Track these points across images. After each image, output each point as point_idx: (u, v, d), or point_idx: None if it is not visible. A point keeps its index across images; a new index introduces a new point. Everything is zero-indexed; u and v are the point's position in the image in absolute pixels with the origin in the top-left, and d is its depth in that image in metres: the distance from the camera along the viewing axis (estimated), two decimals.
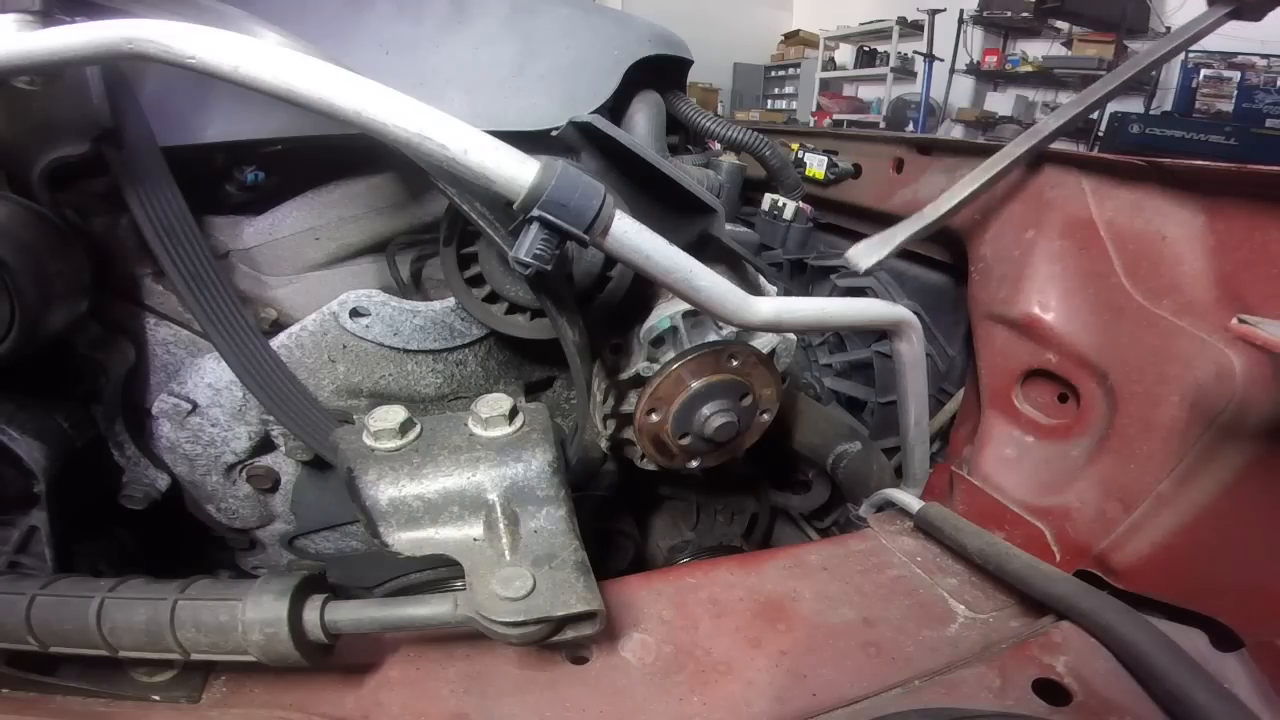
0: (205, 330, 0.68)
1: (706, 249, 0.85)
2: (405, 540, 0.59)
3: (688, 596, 0.74)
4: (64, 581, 0.55)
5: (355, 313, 0.78)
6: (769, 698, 0.62)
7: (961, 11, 6.57)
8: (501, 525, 0.59)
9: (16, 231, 0.62)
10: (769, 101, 8.61)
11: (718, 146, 1.16)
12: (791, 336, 0.89)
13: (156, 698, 0.57)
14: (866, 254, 0.89)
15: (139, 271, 0.79)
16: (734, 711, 0.61)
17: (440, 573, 0.87)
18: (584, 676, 0.63)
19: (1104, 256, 0.81)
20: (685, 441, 0.81)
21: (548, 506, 0.61)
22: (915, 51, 7.06)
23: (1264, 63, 5.19)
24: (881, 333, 1.09)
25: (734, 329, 0.80)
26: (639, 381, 0.80)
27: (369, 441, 0.61)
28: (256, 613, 0.52)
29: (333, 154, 0.82)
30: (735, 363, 0.79)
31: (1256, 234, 0.69)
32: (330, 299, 0.78)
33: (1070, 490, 0.81)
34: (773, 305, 0.70)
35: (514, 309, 0.78)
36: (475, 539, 0.59)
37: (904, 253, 1.27)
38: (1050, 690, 0.61)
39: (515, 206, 0.55)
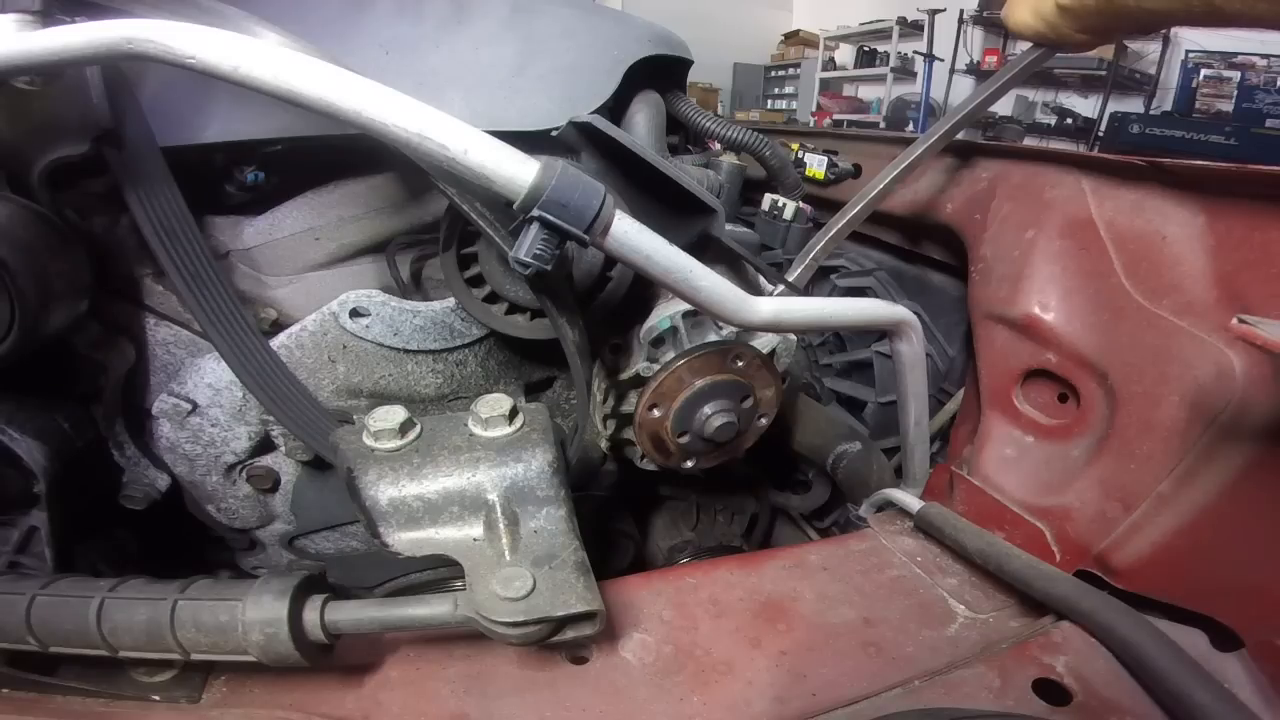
0: (205, 330, 0.68)
1: (706, 249, 0.85)
2: (405, 540, 0.59)
3: (688, 596, 0.74)
4: (64, 581, 0.55)
5: (355, 313, 0.78)
6: (769, 698, 0.62)
7: (961, 11, 6.57)
8: (501, 525, 0.59)
9: (16, 231, 0.62)
10: (769, 101, 8.61)
11: (718, 146, 1.16)
12: (792, 337, 0.89)
13: (156, 698, 0.57)
14: (802, 274, 0.94)
15: (139, 271, 0.79)
16: (734, 711, 0.61)
17: (440, 573, 0.87)
18: (584, 676, 0.63)
19: (1104, 256, 0.81)
20: (684, 440, 0.81)
21: (548, 506, 0.61)
22: (915, 51, 7.06)
23: (1264, 63, 5.19)
24: (881, 333, 1.09)
25: (734, 329, 0.80)
26: (639, 381, 0.80)
27: (369, 441, 0.61)
28: (256, 613, 0.52)
29: (333, 154, 0.82)
30: (740, 364, 0.79)
31: (1257, 234, 0.69)
32: (330, 299, 0.78)
33: (1070, 490, 0.81)
34: (773, 305, 0.70)
35: (514, 309, 0.78)
36: (475, 539, 0.59)
37: (904, 253, 1.29)
38: (1050, 690, 0.61)
39: (515, 206, 0.55)
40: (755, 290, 0.88)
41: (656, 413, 0.79)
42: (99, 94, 0.64)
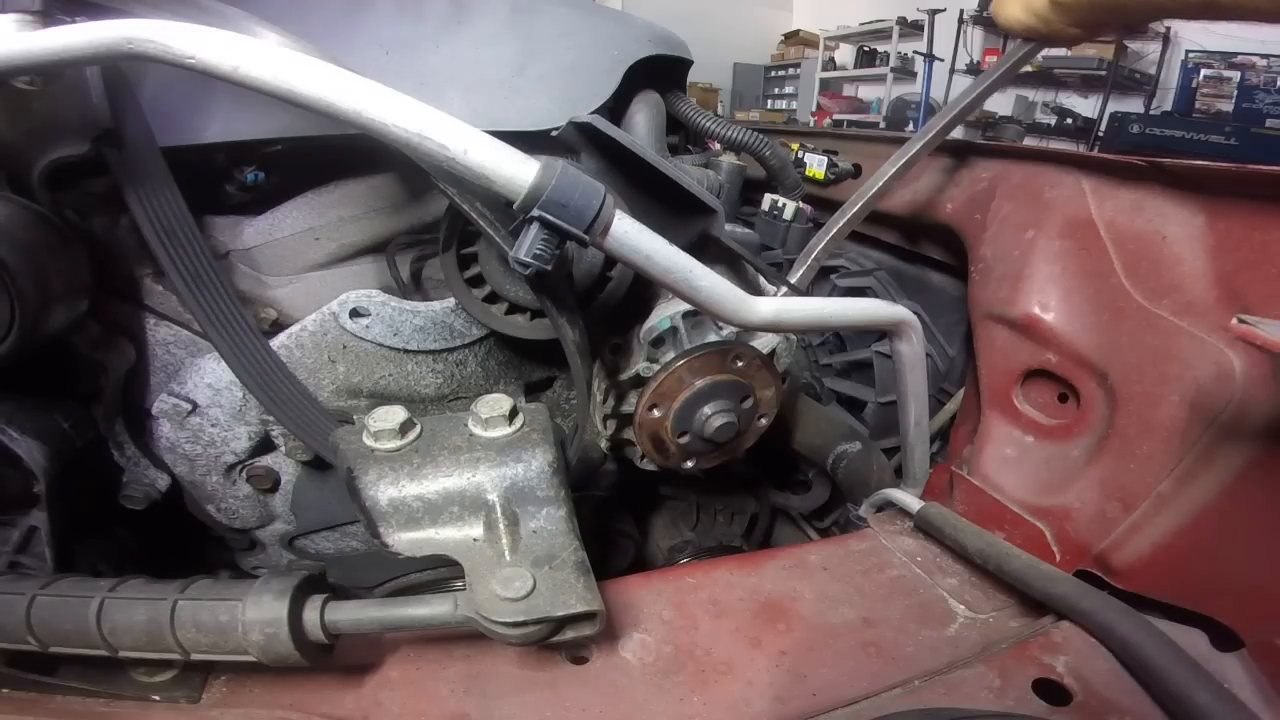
0: (205, 330, 0.68)
1: (706, 249, 0.85)
2: (405, 540, 0.59)
3: (688, 596, 0.74)
4: (64, 581, 0.55)
5: (355, 313, 0.78)
6: (769, 698, 0.62)
7: (961, 11, 6.56)
8: (501, 525, 0.59)
9: (16, 231, 0.62)
10: (769, 101, 8.60)
11: (718, 146, 1.16)
12: (792, 337, 0.89)
13: (156, 698, 0.57)
14: (804, 275, 0.95)
15: (139, 271, 0.79)
16: (734, 711, 0.61)
17: (440, 573, 0.87)
18: (584, 676, 0.63)
19: (1104, 256, 0.81)
20: (684, 440, 0.81)
21: (548, 507, 0.61)
22: (915, 51, 7.05)
23: (1264, 63, 5.18)
24: (881, 333, 1.09)
25: (734, 329, 0.80)
26: (639, 382, 0.80)
27: (369, 442, 0.61)
28: (256, 613, 0.52)
29: (333, 154, 0.82)
30: (740, 364, 0.79)
31: (1256, 234, 0.69)
32: (330, 299, 0.78)
33: (1070, 490, 0.81)
34: (773, 305, 0.70)
35: (514, 309, 0.78)
36: (475, 539, 0.59)
37: (904, 253, 1.29)
38: (1050, 690, 0.61)
39: (515, 207, 0.55)
40: (755, 290, 0.88)
41: (656, 413, 0.79)
42: (99, 94, 0.64)
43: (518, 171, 0.54)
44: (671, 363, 0.76)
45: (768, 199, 1.34)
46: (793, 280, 0.90)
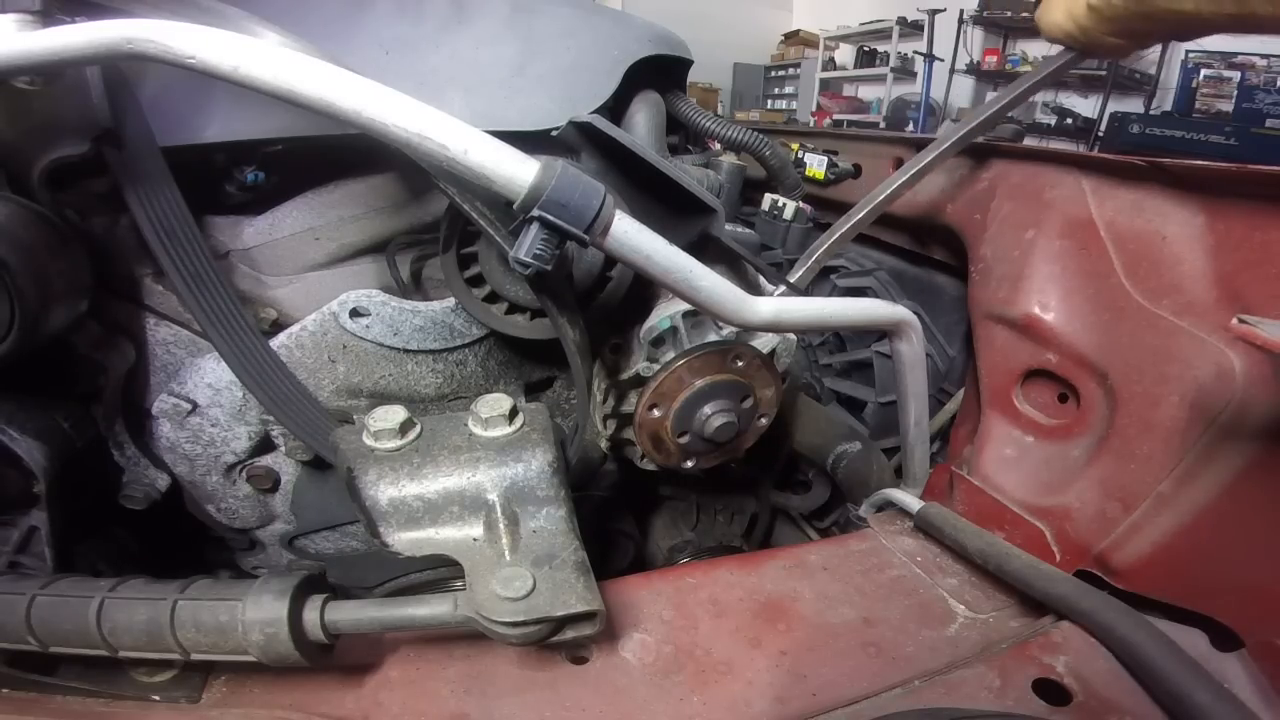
0: (205, 330, 0.68)
1: (706, 249, 0.85)
2: (405, 540, 0.59)
3: (688, 596, 0.74)
4: (64, 581, 0.55)
5: (355, 313, 0.78)
6: (769, 698, 0.62)
7: (961, 11, 6.56)
8: (501, 525, 0.59)
9: (16, 231, 0.62)
10: (769, 101, 8.60)
11: (718, 146, 1.16)
12: (791, 337, 0.89)
13: (156, 698, 0.57)
14: (804, 275, 0.94)
15: (139, 271, 0.79)
16: (734, 711, 0.61)
17: (440, 573, 0.87)
18: (584, 676, 0.63)
19: (1104, 256, 0.81)
20: (684, 440, 0.81)
21: (548, 506, 0.61)
22: (915, 51, 7.05)
23: (1264, 63, 5.18)
24: (881, 333, 1.09)
25: (734, 329, 0.80)
26: (639, 381, 0.80)
27: (369, 441, 0.61)
28: (256, 613, 0.52)
29: (333, 154, 0.82)
30: (740, 364, 0.79)
31: (1256, 234, 0.69)
32: (330, 299, 0.78)
33: (1070, 490, 0.81)
34: (773, 305, 0.70)
35: (514, 309, 0.78)
36: (475, 539, 0.59)
37: (904, 253, 1.29)
38: (1050, 690, 0.61)
39: (515, 206, 0.55)
40: (755, 290, 0.88)
41: (656, 413, 0.79)
42: (99, 94, 0.64)
43: (518, 171, 0.54)
44: (671, 362, 0.77)
45: (768, 199, 1.34)
46: (793, 280, 0.90)
